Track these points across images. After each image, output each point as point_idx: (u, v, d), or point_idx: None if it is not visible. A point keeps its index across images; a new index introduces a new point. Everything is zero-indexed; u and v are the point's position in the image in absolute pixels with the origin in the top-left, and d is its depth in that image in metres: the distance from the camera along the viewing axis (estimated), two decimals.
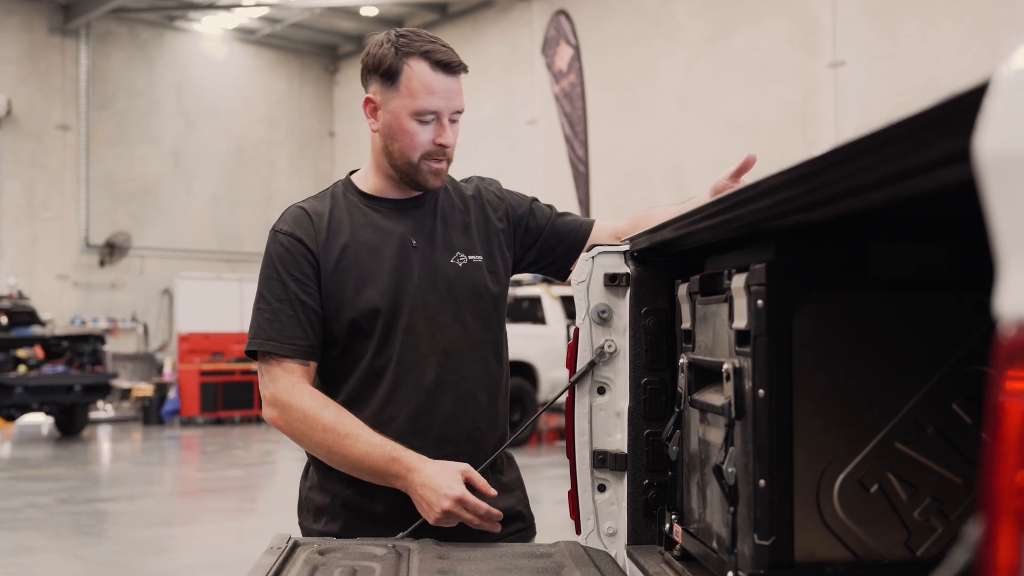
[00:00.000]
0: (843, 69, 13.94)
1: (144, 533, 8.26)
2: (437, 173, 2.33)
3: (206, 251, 21.59)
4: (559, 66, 15.51)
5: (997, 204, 0.59)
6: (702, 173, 12.77)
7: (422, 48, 2.27)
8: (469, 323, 2.39)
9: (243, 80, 22.46)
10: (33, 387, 14.57)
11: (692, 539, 1.86)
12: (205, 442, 15.24)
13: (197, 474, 12.54)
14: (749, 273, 1.56)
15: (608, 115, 16.83)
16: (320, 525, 2.35)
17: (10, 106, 19.41)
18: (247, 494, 10.67)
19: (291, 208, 2.40)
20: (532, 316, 14.03)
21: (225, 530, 8.56)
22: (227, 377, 17.56)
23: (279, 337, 2.28)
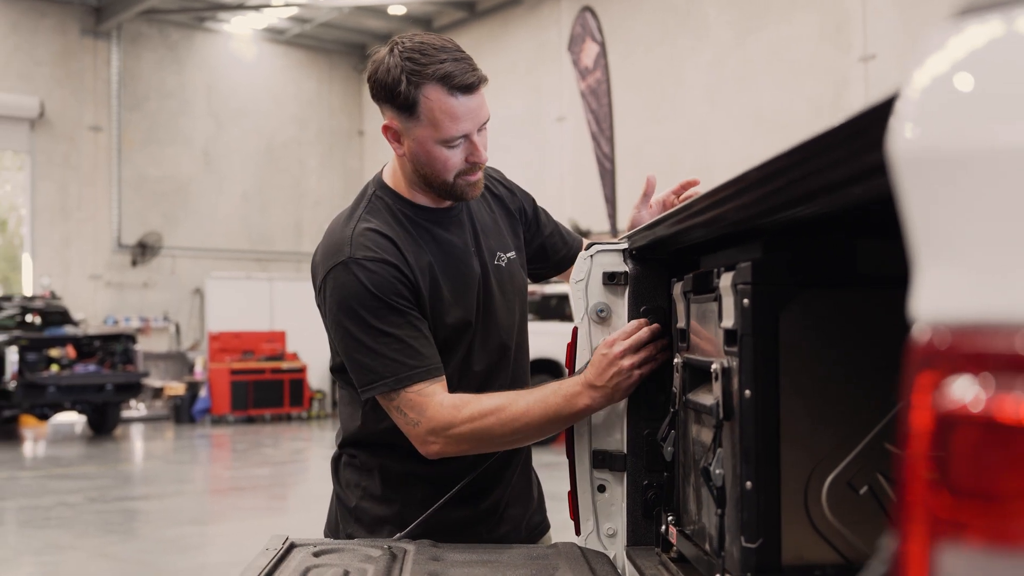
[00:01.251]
0: (874, 63, 13.82)
1: (172, 531, 8.31)
2: (475, 185, 2.24)
3: (237, 250, 21.71)
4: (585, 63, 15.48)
5: (910, 203, 0.57)
6: (731, 170, 12.66)
7: (436, 73, 2.08)
8: (518, 319, 2.42)
9: (273, 80, 22.56)
10: (65, 386, 14.70)
11: (686, 541, 1.84)
12: (235, 440, 15.32)
13: (226, 472, 12.61)
14: (735, 271, 1.54)
15: (635, 112, 16.78)
16: (383, 536, 2.27)
17: (43, 108, 19.58)
18: (276, 492, 10.72)
19: (359, 232, 2.19)
20: (560, 314, 14.02)
21: (253, 528, 8.59)
22: (257, 376, 17.65)
23: (421, 363, 2.11)
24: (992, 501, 0.52)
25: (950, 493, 0.53)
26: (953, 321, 0.55)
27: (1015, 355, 0.53)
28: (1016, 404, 0.53)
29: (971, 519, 0.53)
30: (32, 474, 11.78)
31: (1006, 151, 0.54)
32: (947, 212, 0.55)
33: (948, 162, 0.55)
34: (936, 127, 0.56)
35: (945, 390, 0.54)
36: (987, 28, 0.58)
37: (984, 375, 0.54)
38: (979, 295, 0.55)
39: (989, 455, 0.53)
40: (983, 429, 0.53)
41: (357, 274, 2.13)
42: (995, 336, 0.54)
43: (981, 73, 0.57)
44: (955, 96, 0.57)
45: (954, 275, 0.56)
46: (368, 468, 2.32)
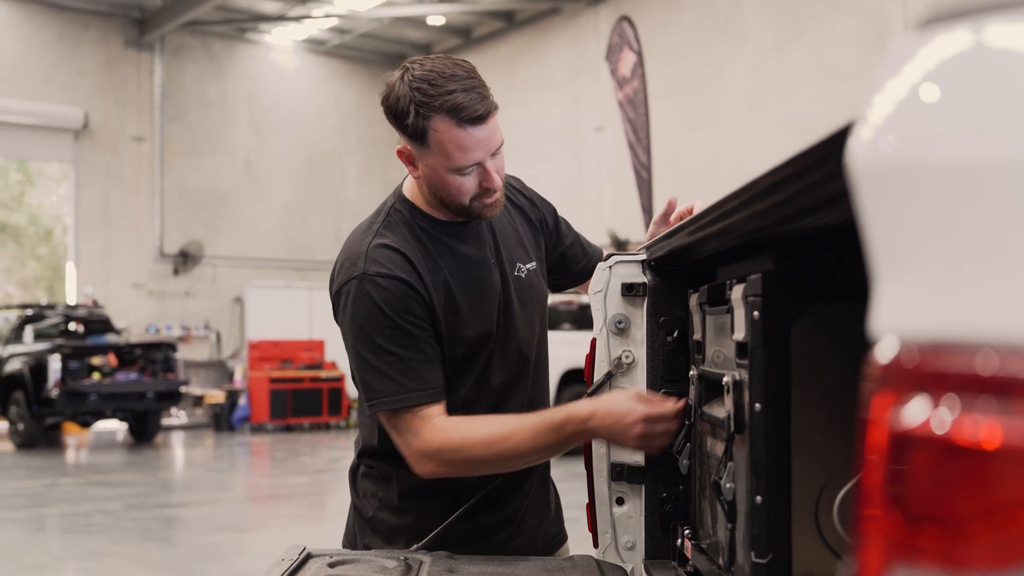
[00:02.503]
0: None
1: (208, 539, 8.37)
2: (492, 206, 2.21)
3: (277, 260, 21.85)
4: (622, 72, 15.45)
5: (869, 217, 0.56)
6: None
7: (444, 105, 2.05)
8: (538, 331, 2.41)
9: (313, 91, 22.71)
10: (107, 394, 14.86)
11: (701, 555, 1.82)
12: (274, 448, 15.40)
13: (264, 480, 12.67)
14: (746, 283, 1.53)
15: (673, 120, 16.73)
16: (399, 547, 2.28)
17: (87, 119, 19.83)
18: (312, 500, 10.76)
19: (374, 247, 2.18)
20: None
21: (289, 536, 8.61)
22: (296, 384, 17.74)
23: (420, 386, 2.12)
24: (947, 524, 0.51)
25: (904, 515, 0.52)
26: (911, 339, 0.54)
27: (973, 375, 0.52)
28: (972, 425, 0.51)
29: (925, 542, 0.51)
30: (73, 481, 11.90)
31: (966, 165, 0.53)
32: (905, 226, 0.54)
33: (906, 175, 0.54)
34: (894, 139, 0.55)
35: (901, 410, 0.53)
36: (950, 39, 0.57)
37: (941, 395, 0.52)
38: (937, 313, 0.54)
39: (944, 477, 0.52)
40: (938, 450, 0.52)
41: (369, 291, 2.13)
42: (953, 355, 0.53)
43: (942, 85, 0.56)
44: (914, 108, 0.55)
45: (912, 292, 0.55)
46: (385, 478, 2.32)
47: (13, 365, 15.06)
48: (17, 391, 14.94)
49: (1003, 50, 0.54)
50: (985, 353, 0.52)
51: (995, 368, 0.51)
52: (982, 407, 0.52)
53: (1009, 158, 0.52)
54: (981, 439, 0.51)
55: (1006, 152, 0.52)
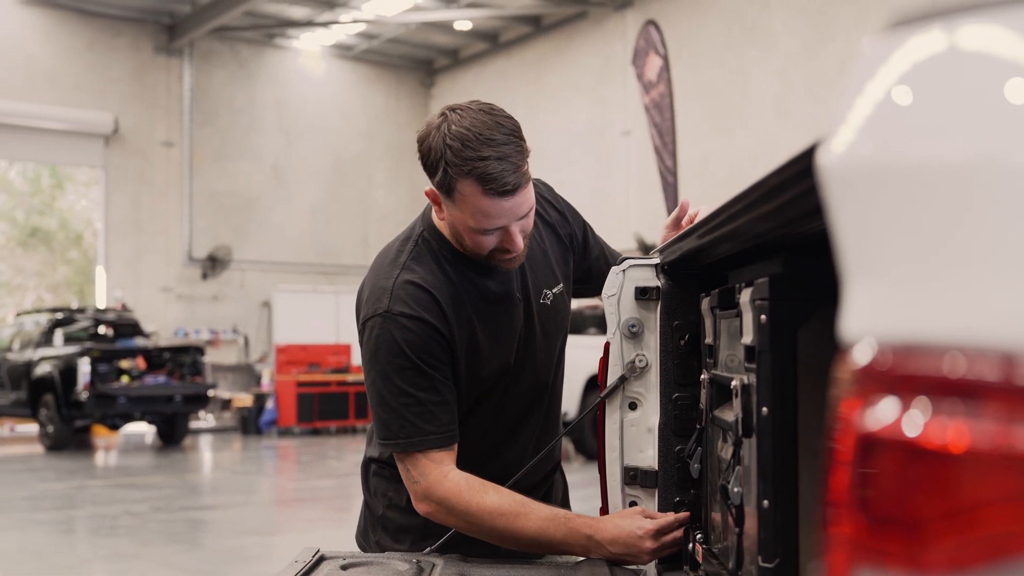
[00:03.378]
0: None
1: (233, 541, 8.41)
2: (512, 261, 2.19)
3: (305, 264, 21.94)
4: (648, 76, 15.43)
5: (839, 220, 0.56)
6: None
7: (473, 171, 1.99)
8: (556, 356, 2.43)
9: (341, 96, 22.80)
10: (135, 397, 14.97)
11: (710, 560, 1.82)
12: (301, 452, 15.46)
13: (290, 484, 12.72)
14: (754, 287, 1.52)
15: (700, 125, 16.69)
16: (405, 545, 2.32)
17: (117, 124, 19.99)
18: (337, 504, 10.78)
19: (400, 283, 2.16)
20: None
21: (314, 539, 8.60)
22: (323, 388, 17.80)
23: (435, 429, 2.13)
24: (912, 528, 0.51)
25: (869, 518, 0.52)
26: (880, 341, 0.54)
27: (940, 378, 0.52)
28: (940, 428, 0.51)
29: (888, 545, 0.51)
30: (101, 483, 11.99)
31: (933, 167, 0.53)
32: (873, 229, 0.54)
33: (874, 178, 0.54)
34: (861, 142, 0.55)
35: (867, 412, 0.53)
36: (925, 40, 0.56)
37: (908, 398, 0.52)
38: (907, 315, 0.53)
39: (911, 480, 0.51)
40: (905, 453, 0.52)
41: (392, 330, 2.12)
42: (921, 358, 0.53)
43: (912, 88, 0.56)
44: (882, 110, 0.55)
45: (881, 294, 0.54)
46: (396, 480, 2.33)
47: (43, 368, 15.19)
48: (47, 394, 15.07)
49: (973, 52, 0.54)
50: (952, 356, 0.52)
51: (962, 371, 0.51)
52: (949, 410, 0.51)
53: (975, 161, 0.52)
54: (948, 442, 0.51)
55: (972, 155, 0.52)
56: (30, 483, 11.88)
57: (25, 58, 19.33)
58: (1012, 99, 0.52)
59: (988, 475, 0.50)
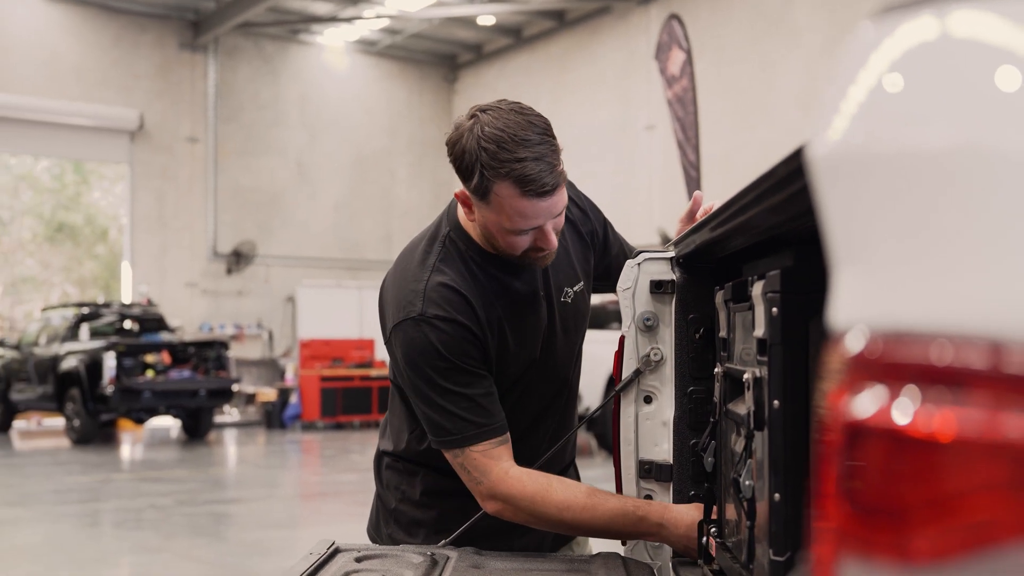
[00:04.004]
0: None
1: (256, 535, 8.45)
2: (544, 259, 2.19)
3: (328, 259, 22.01)
4: (671, 71, 15.37)
5: (828, 208, 0.55)
6: None
7: (511, 173, 1.98)
8: (576, 352, 2.43)
9: (364, 91, 22.84)
10: (160, 391, 15.05)
11: (724, 553, 1.82)
12: (324, 446, 15.51)
13: (313, 478, 12.77)
14: (765, 280, 1.52)
15: (724, 119, 16.63)
16: (418, 538, 2.32)
17: (142, 120, 20.10)
18: (360, 498, 10.80)
19: (433, 286, 2.15)
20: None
21: (336, 533, 8.63)
22: (347, 383, 17.85)
23: (489, 421, 2.12)
24: (896, 517, 0.51)
25: (854, 507, 0.52)
26: (868, 329, 0.54)
27: (927, 366, 0.51)
28: (927, 416, 0.51)
29: (875, 534, 0.51)
30: (126, 477, 12.08)
31: (920, 155, 0.52)
32: (863, 216, 0.54)
33: (862, 165, 0.54)
34: (849, 129, 0.55)
35: (854, 400, 0.53)
36: (915, 26, 0.56)
37: (896, 386, 0.52)
38: (894, 303, 0.53)
39: (898, 469, 0.51)
40: (892, 442, 0.51)
41: (427, 333, 2.11)
42: (909, 346, 0.52)
43: (902, 74, 0.55)
44: (870, 98, 0.55)
45: (870, 282, 0.54)
46: (410, 474, 2.34)
47: (69, 362, 15.30)
48: (73, 388, 15.18)
49: (963, 39, 0.54)
50: (940, 344, 0.51)
51: (950, 359, 0.51)
52: (937, 398, 0.51)
53: (963, 148, 0.51)
54: (935, 431, 0.51)
55: (961, 142, 0.51)
56: (56, 476, 11.97)
57: (51, 55, 19.46)
58: (1001, 86, 0.52)
59: (975, 464, 0.50)
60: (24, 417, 18.36)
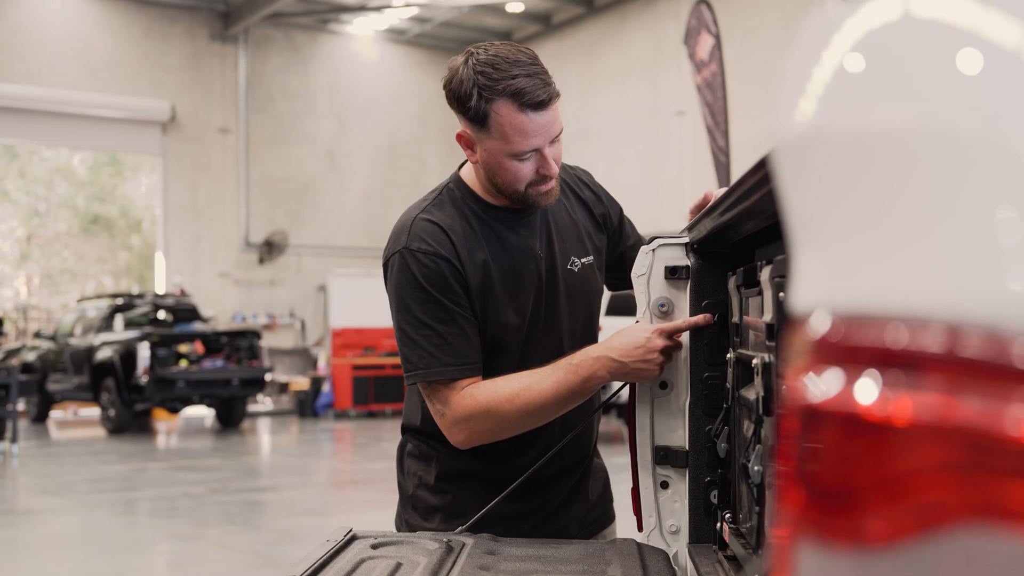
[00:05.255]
0: None
1: (288, 522, 8.51)
2: (547, 194, 2.23)
3: (359, 248, 22.08)
4: (700, 56, 15.29)
5: (788, 190, 0.55)
6: None
7: (507, 89, 2.08)
8: (582, 324, 2.42)
9: (394, 79, 22.88)
10: (194, 381, 15.17)
11: (736, 539, 1.81)
12: (356, 435, 15.60)
13: (345, 466, 12.84)
14: (772, 265, 1.51)
15: (754, 104, 16.52)
16: (434, 524, 2.35)
17: (174, 111, 20.23)
18: (391, 486, 10.82)
19: (418, 222, 2.23)
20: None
21: (367, 520, 8.73)
22: (378, 371, 17.93)
23: (456, 360, 2.17)
24: (851, 501, 0.50)
25: (810, 491, 0.52)
26: (825, 312, 0.54)
27: (884, 349, 0.51)
28: (881, 400, 0.51)
29: (830, 518, 0.51)
30: (160, 465, 12.19)
31: (876, 135, 0.52)
32: (820, 197, 0.53)
33: (820, 145, 0.54)
34: (809, 109, 0.54)
35: (811, 383, 0.53)
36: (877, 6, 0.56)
37: (852, 369, 0.52)
38: (851, 285, 0.53)
39: (851, 452, 0.51)
40: (845, 425, 0.51)
41: (410, 264, 2.19)
42: (866, 328, 0.52)
43: (863, 53, 0.55)
44: (829, 77, 0.55)
45: (828, 264, 0.54)
46: (426, 458, 2.37)
47: (104, 353, 15.45)
48: (108, 378, 15.33)
49: (925, 19, 0.53)
50: (895, 327, 0.51)
51: (905, 342, 0.51)
52: (892, 381, 0.51)
53: (921, 130, 0.51)
54: (891, 414, 0.51)
55: (919, 124, 0.51)
56: (92, 465, 12.11)
57: (84, 48, 19.62)
58: (962, 68, 0.51)
59: (929, 447, 0.50)
60: (60, 407, 18.59)
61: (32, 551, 7.58)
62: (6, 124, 19.08)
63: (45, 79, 19.06)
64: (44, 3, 19.27)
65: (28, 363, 17.05)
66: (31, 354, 17.43)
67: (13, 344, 19.02)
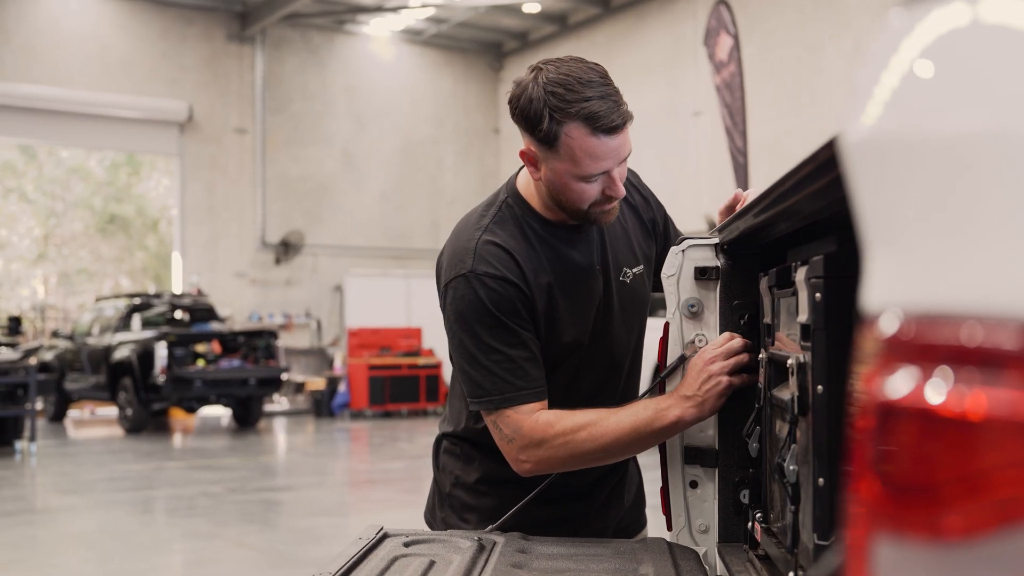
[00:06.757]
0: None
1: (306, 522, 8.54)
2: (609, 213, 2.20)
3: (376, 248, 22.12)
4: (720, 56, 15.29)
5: (861, 193, 0.56)
6: None
7: (580, 112, 2.02)
8: (635, 338, 2.43)
9: (410, 80, 22.91)
10: (211, 380, 15.22)
11: (769, 538, 1.82)
12: (372, 434, 15.63)
13: (361, 465, 12.87)
14: (808, 265, 1.52)
15: (773, 104, 16.50)
16: (471, 524, 2.34)
17: (191, 112, 20.30)
18: (408, 485, 10.89)
19: (483, 244, 2.19)
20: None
21: (385, 519, 8.66)
22: (394, 371, 17.96)
23: (528, 384, 2.14)
24: (928, 495, 0.51)
25: (887, 486, 0.53)
26: (900, 312, 0.55)
27: (959, 347, 0.52)
28: (957, 396, 0.52)
29: (908, 512, 0.52)
30: (178, 464, 12.24)
31: (953, 138, 0.53)
32: (895, 200, 0.54)
33: (896, 149, 0.55)
34: (884, 113, 0.55)
35: (887, 381, 0.54)
36: (947, 13, 0.57)
37: (927, 366, 0.53)
38: (925, 285, 0.54)
39: (931, 448, 0.52)
40: (925, 421, 0.52)
41: (477, 289, 2.14)
42: (940, 327, 0.53)
43: (935, 60, 0.56)
44: (905, 82, 0.56)
45: (901, 264, 0.55)
46: (467, 459, 2.36)
47: (122, 352, 15.52)
48: (125, 377, 15.40)
49: (995, 25, 0.54)
50: (971, 325, 0.52)
51: (980, 340, 0.52)
52: (968, 378, 0.52)
53: (995, 132, 0.52)
54: (966, 410, 0.52)
55: (992, 127, 0.52)
56: (110, 464, 12.17)
57: (101, 48, 19.70)
58: None
59: (1005, 442, 0.51)
60: (78, 406, 18.67)
61: (52, 550, 7.62)
62: (24, 124, 19.18)
63: (62, 80, 19.14)
64: (62, 4, 19.36)
65: (46, 362, 17.14)
66: (49, 353, 17.51)
67: (31, 343, 19.11)
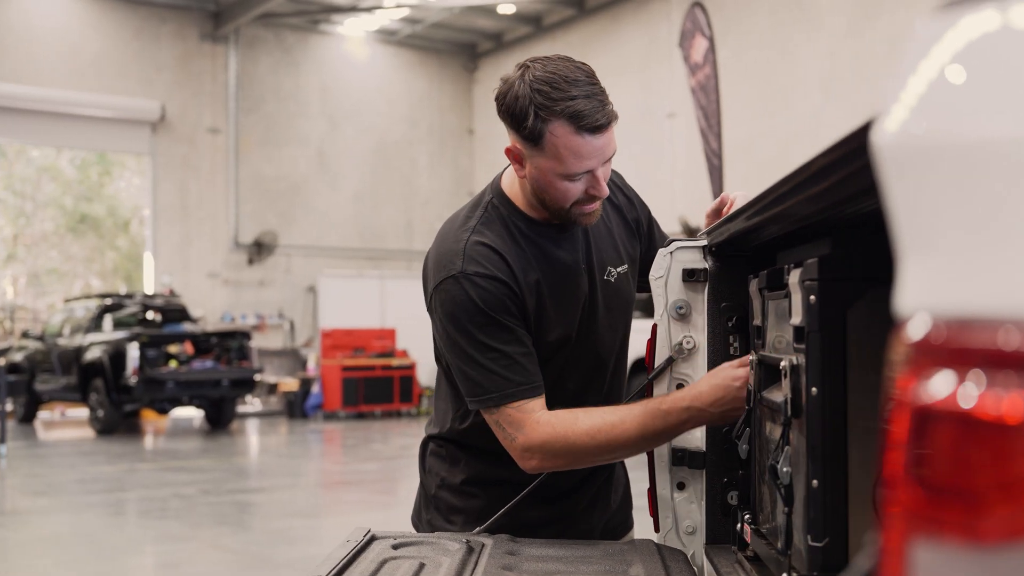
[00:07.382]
0: None
1: (281, 523, 8.50)
2: (591, 214, 2.21)
3: (349, 249, 22.05)
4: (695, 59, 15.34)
5: (894, 198, 0.57)
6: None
7: (566, 111, 2.03)
8: (620, 336, 2.43)
9: (385, 80, 22.86)
10: (183, 382, 15.13)
11: (759, 539, 1.83)
12: (346, 436, 15.58)
13: (335, 467, 12.83)
14: (803, 268, 1.53)
15: (746, 106, 16.57)
16: (457, 526, 2.34)
17: (164, 111, 20.17)
18: (383, 487, 10.88)
19: (472, 244, 2.19)
20: None
21: (359, 522, 8.68)
22: (368, 372, 17.92)
23: (525, 380, 2.14)
24: (967, 498, 0.52)
25: (925, 490, 0.53)
26: (935, 316, 0.55)
27: (995, 350, 0.53)
28: (994, 400, 0.52)
29: (945, 515, 0.52)
30: (150, 466, 12.16)
31: (987, 144, 0.53)
32: (928, 205, 0.55)
33: (930, 155, 0.55)
34: (918, 120, 0.56)
35: (923, 385, 0.54)
36: (978, 19, 0.57)
37: (963, 370, 0.53)
38: (961, 290, 0.54)
39: (967, 451, 0.52)
40: (961, 425, 0.53)
41: (467, 290, 2.14)
42: (976, 331, 0.53)
43: (966, 66, 0.56)
44: (937, 89, 0.56)
45: (936, 269, 0.55)
46: (454, 460, 2.36)
47: (93, 353, 15.40)
48: (97, 378, 15.28)
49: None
50: (1006, 329, 0.52)
51: (1016, 344, 0.52)
52: (1003, 382, 0.52)
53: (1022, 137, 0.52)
54: (1003, 413, 0.52)
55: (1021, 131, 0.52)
56: (81, 466, 12.07)
57: (72, 47, 19.54)
58: None
59: None
60: (48, 408, 18.51)
61: (23, 553, 7.56)
62: None
63: (33, 78, 18.97)
64: (34, 1, 19.20)
65: (15, 363, 16.98)
66: (18, 354, 17.36)
67: (0, 344, 18.93)
